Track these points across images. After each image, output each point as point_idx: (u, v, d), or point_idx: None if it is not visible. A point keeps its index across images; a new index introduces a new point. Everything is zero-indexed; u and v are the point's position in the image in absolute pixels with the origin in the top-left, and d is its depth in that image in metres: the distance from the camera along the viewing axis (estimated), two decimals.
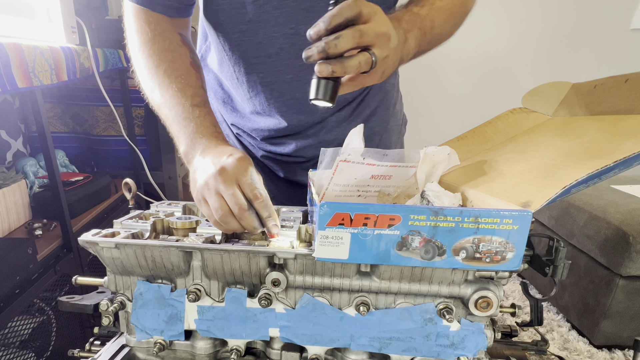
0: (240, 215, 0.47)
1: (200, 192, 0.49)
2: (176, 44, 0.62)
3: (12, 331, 0.87)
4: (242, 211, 0.47)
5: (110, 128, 1.61)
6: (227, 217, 0.48)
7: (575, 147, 0.51)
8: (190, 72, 0.61)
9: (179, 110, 0.56)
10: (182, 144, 0.56)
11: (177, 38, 0.63)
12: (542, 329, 1.45)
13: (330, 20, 0.42)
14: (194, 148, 0.54)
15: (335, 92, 0.46)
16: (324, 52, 0.43)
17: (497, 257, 0.42)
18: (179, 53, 0.61)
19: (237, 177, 0.47)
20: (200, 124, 0.55)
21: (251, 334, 0.50)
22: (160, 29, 0.61)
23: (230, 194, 0.47)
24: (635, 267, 1.22)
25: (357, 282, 0.48)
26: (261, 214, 0.48)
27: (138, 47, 0.61)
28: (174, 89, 0.57)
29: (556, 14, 2.11)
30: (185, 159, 0.56)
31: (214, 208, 0.48)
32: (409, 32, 0.53)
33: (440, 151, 0.57)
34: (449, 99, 2.31)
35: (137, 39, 0.61)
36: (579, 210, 1.42)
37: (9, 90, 0.81)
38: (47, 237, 1.07)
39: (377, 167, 0.56)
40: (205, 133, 0.55)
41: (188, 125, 0.55)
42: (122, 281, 0.51)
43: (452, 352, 0.49)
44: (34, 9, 1.07)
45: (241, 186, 0.47)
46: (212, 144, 0.53)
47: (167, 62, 0.59)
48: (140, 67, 0.61)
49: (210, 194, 0.48)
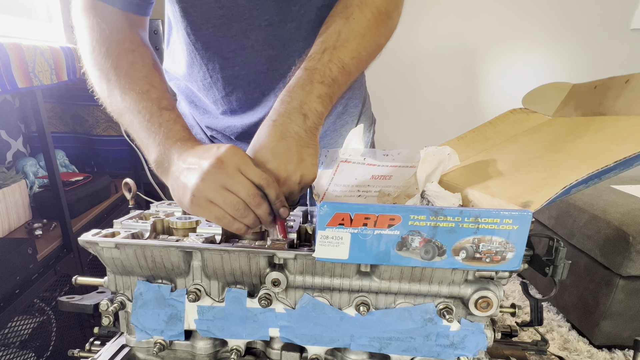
0: (257, 205, 0.44)
1: (199, 194, 0.44)
2: (136, 43, 0.56)
3: (12, 331, 0.87)
4: (257, 199, 0.44)
5: (110, 128, 1.61)
6: (245, 211, 0.44)
7: (575, 148, 0.51)
8: (154, 74, 0.54)
9: (146, 115, 0.50)
10: (152, 153, 0.50)
11: (137, 38, 0.57)
12: (542, 329, 1.45)
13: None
14: (168, 155, 0.48)
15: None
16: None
17: (497, 257, 0.42)
18: (140, 53, 0.55)
19: (239, 166, 0.43)
20: (171, 128, 0.50)
21: (251, 334, 0.50)
22: (118, 26, 0.56)
23: (241, 186, 0.43)
24: (635, 267, 1.22)
25: (357, 282, 0.48)
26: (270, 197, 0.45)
27: (92, 47, 0.55)
28: (137, 91, 0.51)
29: (556, 13, 2.11)
30: (159, 168, 0.50)
31: (227, 205, 0.43)
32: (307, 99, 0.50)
33: (441, 151, 0.57)
34: (448, 99, 2.31)
35: (90, 37, 0.55)
36: (579, 210, 1.42)
37: (9, 90, 0.81)
38: (47, 237, 1.07)
39: (378, 168, 0.56)
40: (178, 137, 0.49)
41: (158, 132, 0.49)
42: (122, 281, 0.51)
43: (452, 352, 0.49)
44: (34, 9, 1.07)
45: (247, 175, 0.44)
46: (188, 145, 0.48)
47: (128, 64, 0.53)
48: (95, 69, 0.55)
49: (216, 191, 0.43)
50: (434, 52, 2.22)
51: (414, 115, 2.36)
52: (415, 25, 2.17)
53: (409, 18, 2.16)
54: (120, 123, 0.54)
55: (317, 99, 0.51)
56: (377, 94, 1.21)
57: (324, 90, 0.51)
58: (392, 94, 2.30)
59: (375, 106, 0.98)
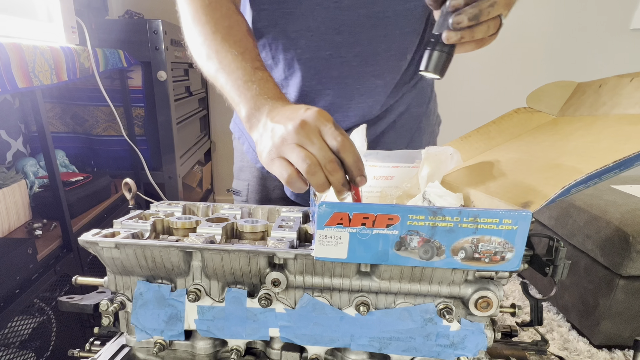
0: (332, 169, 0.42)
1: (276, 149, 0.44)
2: (232, 11, 0.60)
3: (12, 331, 0.87)
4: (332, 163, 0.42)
5: (110, 128, 1.61)
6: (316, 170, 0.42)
7: (578, 147, 0.51)
8: (248, 39, 0.58)
9: (240, 74, 0.52)
10: (243, 108, 0.51)
11: (232, 6, 0.61)
12: (542, 329, 1.45)
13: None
14: (259, 110, 0.49)
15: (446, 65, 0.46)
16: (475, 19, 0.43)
17: (497, 257, 0.42)
18: (235, 20, 0.59)
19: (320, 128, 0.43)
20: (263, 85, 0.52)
21: (251, 334, 0.50)
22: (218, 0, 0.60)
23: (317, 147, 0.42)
24: (635, 267, 1.22)
25: (357, 282, 0.48)
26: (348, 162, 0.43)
27: (192, 16, 0.59)
28: (234, 53, 0.54)
29: (556, 14, 2.11)
30: (248, 123, 0.51)
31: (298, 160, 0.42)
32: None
33: (443, 151, 0.57)
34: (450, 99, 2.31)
35: (191, 7, 0.59)
36: (579, 210, 1.42)
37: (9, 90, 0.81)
38: (47, 237, 1.07)
39: (380, 168, 0.56)
40: (270, 94, 0.51)
41: (250, 88, 0.51)
42: (122, 281, 0.51)
43: (452, 352, 0.49)
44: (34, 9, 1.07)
45: (324, 137, 0.43)
46: (278, 104, 0.49)
47: (225, 29, 0.57)
48: (194, 36, 0.59)
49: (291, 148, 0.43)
50: None
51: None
52: None
53: None
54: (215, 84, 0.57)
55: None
56: None
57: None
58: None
59: None
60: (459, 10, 0.43)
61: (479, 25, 0.44)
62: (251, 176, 0.86)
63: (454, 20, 0.43)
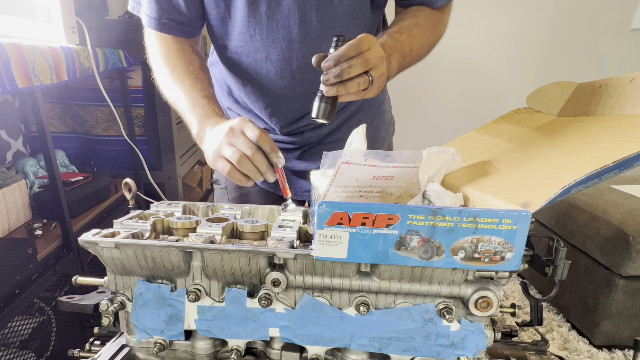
0: (252, 156, 0.56)
1: (216, 152, 0.59)
2: (187, 52, 0.76)
3: (12, 331, 0.87)
4: (252, 151, 0.56)
5: (110, 128, 1.61)
6: (242, 159, 0.56)
7: (577, 148, 0.51)
8: (200, 74, 0.73)
9: (191, 102, 0.68)
10: (194, 127, 0.66)
11: (189, 49, 0.77)
12: (542, 329, 1.45)
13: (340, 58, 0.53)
14: (203, 129, 0.64)
15: (332, 112, 0.56)
16: (339, 77, 0.53)
17: (496, 257, 0.42)
18: (189, 60, 0.75)
19: (242, 129, 0.57)
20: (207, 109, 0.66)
21: (251, 334, 0.50)
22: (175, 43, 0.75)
23: (241, 142, 0.56)
24: (635, 267, 1.22)
25: (357, 282, 0.48)
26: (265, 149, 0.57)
27: (158, 58, 0.74)
28: (187, 86, 0.70)
29: (556, 14, 2.11)
30: (197, 139, 0.66)
31: (229, 156, 0.57)
32: (392, 55, 0.63)
33: (444, 151, 0.57)
34: (450, 99, 2.31)
35: (157, 52, 0.75)
36: (579, 210, 1.42)
37: (9, 90, 0.81)
38: (47, 237, 1.07)
39: (379, 169, 0.56)
40: (212, 115, 0.65)
41: (197, 112, 0.66)
42: (122, 281, 0.51)
43: (452, 352, 0.49)
44: (34, 9, 1.07)
45: (246, 134, 0.57)
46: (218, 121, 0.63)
47: (181, 67, 0.72)
48: (160, 73, 0.74)
49: (225, 148, 0.58)
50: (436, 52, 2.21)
51: (417, 116, 2.36)
52: None
53: None
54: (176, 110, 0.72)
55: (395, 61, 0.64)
56: None
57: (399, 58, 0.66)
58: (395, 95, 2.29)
59: None
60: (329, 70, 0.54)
61: (349, 82, 0.54)
62: None
63: (322, 79, 0.54)
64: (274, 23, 0.70)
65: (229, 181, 0.97)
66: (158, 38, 0.76)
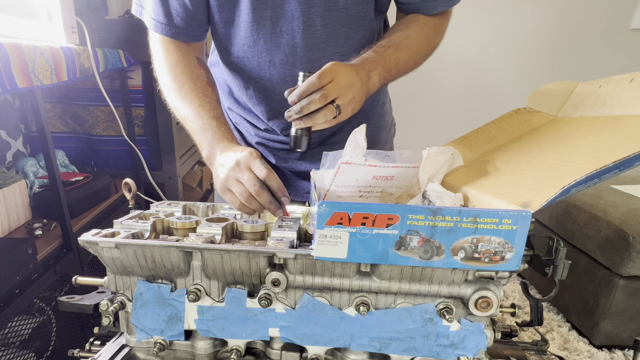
0: (257, 193, 0.56)
1: (223, 184, 0.59)
2: (194, 67, 0.74)
3: (12, 331, 0.87)
4: (257, 189, 0.56)
5: (110, 128, 1.61)
6: (249, 198, 0.57)
7: (577, 148, 0.51)
8: (207, 90, 0.72)
9: (200, 123, 0.67)
10: (204, 150, 0.66)
11: (195, 62, 0.75)
12: (542, 329, 1.45)
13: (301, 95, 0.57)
14: (213, 153, 0.64)
15: (308, 141, 0.61)
16: (301, 113, 0.57)
17: (496, 257, 0.42)
18: (196, 75, 0.73)
19: (249, 165, 0.57)
20: (217, 131, 0.66)
21: (251, 334, 0.50)
22: (182, 55, 0.74)
23: (246, 178, 0.56)
24: (635, 267, 1.22)
25: (357, 282, 0.48)
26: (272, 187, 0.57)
27: (165, 72, 0.73)
28: (195, 104, 0.69)
29: (556, 14, 2.11)
30: (208, 161, 0.66)
31: (237, 193, 0.58)
32: (372, 71, 0.65)
33: (444, 151, 0.57)
34: (451, 99, 2.31)
35: (164, 65, 0.73)
36: (579, 210, 1.42)
37: (9, 90, 0.81)
38: (47, 237, 1.07)
39: (379, 169, 0.56)
40: (221, 139, 0.65)
41: (207, 135, 0.66)
42: (122, 281, 0.51)
43: (452, 352, 0.49)
44: (34, 9, 1.07)
45: (253, 171, 0.57)
46: (227, 146, 0.64)
47: (189, 83, 0.71)
48: (167, 88, 0.73)
49: (232, 183, 0.58)
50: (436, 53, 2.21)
51: (417, 116, 2.36)
52: None
53: None
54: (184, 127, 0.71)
55: (377, 76, 0.66)
56: None
57: (382, 73, 0.67)
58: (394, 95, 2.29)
59: None
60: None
61: (314, 115, 0.57)
62: None
63: (285, 115, 0.58)
64: (278, 28, 0.71)
65: None
66: (164, 48, 0.74)
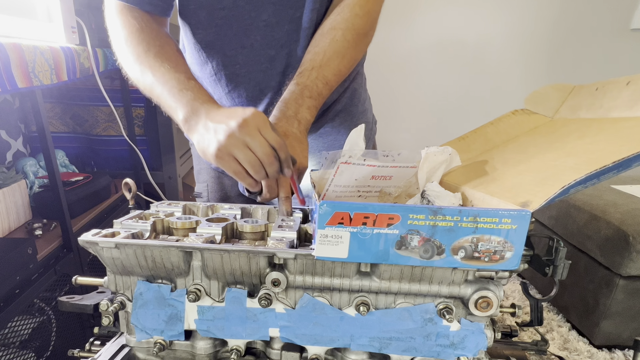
0: (270, 163, 0.51)
1: (224, 149, 0.51)
2: (162, 33, 0.67)
3: (12, 331, 0.87)
4: (269, 158, 0.51)
5: (110, 128, 1.61)
6: (258, 167, 0.51)
7: (575, 148, 0.51)
8: (179, 56, 0.65)
9: (174, 83, 0.58)
10: (180, 112, 0.57)
11: (162, 30, 0.68)
12: (542, 329, 1.45)
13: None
14: (196, 114, 0.56)
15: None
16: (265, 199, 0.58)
17: (496, 256, 0.43)
18: (165, 41, 0.66)
19: (259, 128, 0.51)
20: (197, 92, 0.58)
21: (251, 334, 0.50)
22: (146, 22, 0.66)
23: (258, 143, 0.50)
24: (635, 267, 1.22)
25: (357, 282, 0.48)
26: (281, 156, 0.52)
27: (125, 38, 0.64)
28: (166, 67, 0.60)
29: (556, 13, 2.11)
30: (187, 125, 0.57)
31: (244, 160, 0.51)
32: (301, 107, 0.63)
33: (442, 151, 0.57)
34: (447, 100, 2.31)
35: (124, 32, 0.64)
36: (579, 210, 1.42)
37: (9, 90, 0.81)
38: (47, 237, 1.07)
39: (378, 168, 0.56)
40: (204, 100, 0.57)
41: (185, 94, 0.57)
42: (122, 281, 0.51)
43: (452, 352, 0.49)
44: (34, 9, 1.07)
45: (264, 135, 0.51)
46: (215, 106, 0.56)
47: (157, 47, 0.63)
48: (127, 55, 0.64)
49: (238, 147, 0.51)
50: (435, 53, 2.22)
51: (415, 116, 2.36)
52: (417, 27, 2.17)
53: (411, 19, 2.16)
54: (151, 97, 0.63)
55: (307, 110, 0.63)
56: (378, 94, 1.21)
57: (312, 103, 0.64)
58: (393, 95, 2.30)
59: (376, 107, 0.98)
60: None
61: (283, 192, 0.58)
62: (209, 177, 0.92)
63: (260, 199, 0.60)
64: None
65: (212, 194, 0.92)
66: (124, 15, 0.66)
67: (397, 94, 2.30)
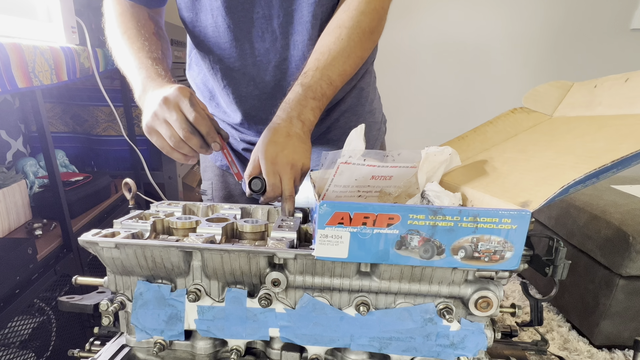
0: (187, 138, 0.54)
1: (149, 124, 0.56)
2: (143, 18, 0.72)
3: (12, 331, 0.87)
4: (186, 133, 0.53)
5: (110, 128, 1.61)
6: (179, 142, 0.55)
7: (574, 147, 0.51)
8: (152, 39, 0.70)
9: (136, 63, 0.64)
10: (136, 90, 0.62)
11: (145, 15, 0.73)
12: (542, 329, 1.45)
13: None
14: (145, 91, 0.60)
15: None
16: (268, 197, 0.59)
17: (496, 256, 0.43)
18: (143, 24, 0.71)
19: (178, 104, 0.54)
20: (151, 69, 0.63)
21: (251, 334, 0.50)
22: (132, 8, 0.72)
23: (175, 119, 0.53)
24: (635, 267, 1.22)
25: (357, 282, 0.48)
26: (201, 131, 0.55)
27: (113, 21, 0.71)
28: (135, 48, 0.66)
29: (556, 13, 2.11)
30: (140, 102, 0.62)
31: (166, 136, 0.55)
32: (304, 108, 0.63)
33: (442, 151, 0.57)
34: (448, 99, 2.31)
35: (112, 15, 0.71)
36: (579, 210, 1.42)
37: (9, 90, 0.81)
38: (47, 237, 1.07)
39: (378, 168, 0.56)
40: (155, 77, 0.61)
41: (141, 73, 0.62)
42: (122, 281, 0.51)
43: (452, 352, 0.49)
44: (34, 9, 1.07)
45: (182, 110, 0.54)
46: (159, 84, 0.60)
47: (132, 29, 0.69)
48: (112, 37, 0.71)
49: (159, 123, 0.55)
50: (435, 53, 2.22)
51: (414, 116, 2.36)
52: (416, 26, 2.17)
53: (411, 19, 2.16)
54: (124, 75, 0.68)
55: (311, 111, 0.64)
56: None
57: (316, 104, 0.64)
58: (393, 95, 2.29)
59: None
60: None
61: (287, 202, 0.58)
62: (213, 175, 0.93)
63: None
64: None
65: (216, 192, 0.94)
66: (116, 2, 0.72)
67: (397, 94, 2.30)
